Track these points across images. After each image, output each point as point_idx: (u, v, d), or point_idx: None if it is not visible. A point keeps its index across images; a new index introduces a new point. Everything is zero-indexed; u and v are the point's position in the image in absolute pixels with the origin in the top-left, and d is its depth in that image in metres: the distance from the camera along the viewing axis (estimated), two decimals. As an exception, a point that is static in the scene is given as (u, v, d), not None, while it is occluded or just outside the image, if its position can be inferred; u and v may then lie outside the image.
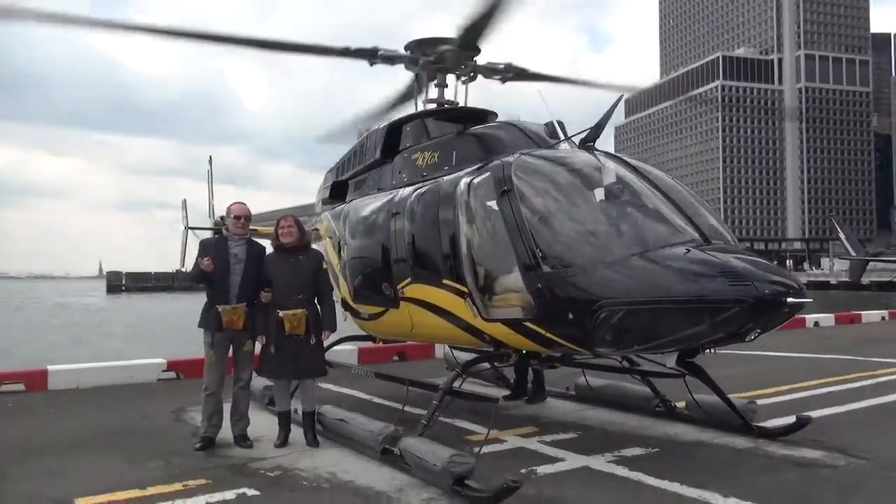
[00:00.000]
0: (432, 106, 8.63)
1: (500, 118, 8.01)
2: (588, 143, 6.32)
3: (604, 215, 5.65)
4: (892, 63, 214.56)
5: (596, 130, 6.29)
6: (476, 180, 6.27)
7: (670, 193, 5.72)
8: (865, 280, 51.41)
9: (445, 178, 6.80)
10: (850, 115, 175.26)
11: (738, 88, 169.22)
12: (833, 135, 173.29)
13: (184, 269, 18.16)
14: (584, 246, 5.43)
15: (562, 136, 6.50)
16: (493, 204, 6.02)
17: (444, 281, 6.51)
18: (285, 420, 6.72)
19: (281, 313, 6.45)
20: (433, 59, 7.91)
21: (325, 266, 6.93)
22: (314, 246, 7.81)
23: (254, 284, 6.59)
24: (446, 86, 8.53)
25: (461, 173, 6.54)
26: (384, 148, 8.42)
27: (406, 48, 8.18)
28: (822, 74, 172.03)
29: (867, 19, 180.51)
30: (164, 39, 7.19)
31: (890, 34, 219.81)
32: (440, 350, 13.43)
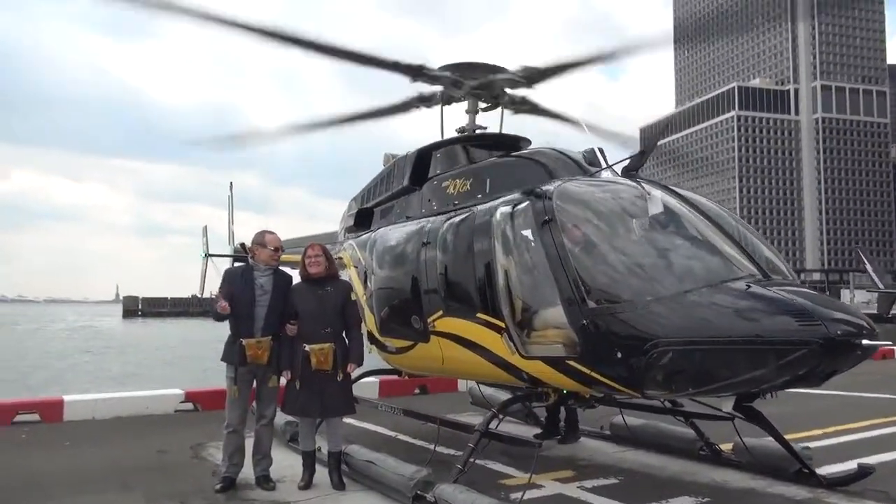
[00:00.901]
0: (460, 133, 8.40)
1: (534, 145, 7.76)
2: (631, 171, 6.03)
3: (655, 248, 5.30)
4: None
5: (640, 158, 6.00)
6: (514, 209, 5.96)
7: (723, 224, 5.38)
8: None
9: (480, 206, 6.50)
10: (867, 145, 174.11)
11: (754, 119, 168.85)
12: (851, 165, 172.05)
13: (201, 296, 17.98)
14: (635, 280, 5.09)
15: (603, 164, 6.20)
16: (533, 234, 5.69)
17: (479, 315, 6.18)
18: (310, 460, 6.38)
19: (308, 347, 6.14)
20: (477, 84, 7.72)
21: (353, 297, 6.62)
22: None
23: (280, 317, 6.30)
24: (478, 112, 8.30)
25: (497, 202, 6.23)
26: (413, 175, 8.16)
27: (444, 69, 7.97)
28: (838, 105, 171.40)
29: (884, 50, 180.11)
30: (211, 26, 6.92)
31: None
32: (463, 384, 13.10)
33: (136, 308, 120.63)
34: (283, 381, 6.39)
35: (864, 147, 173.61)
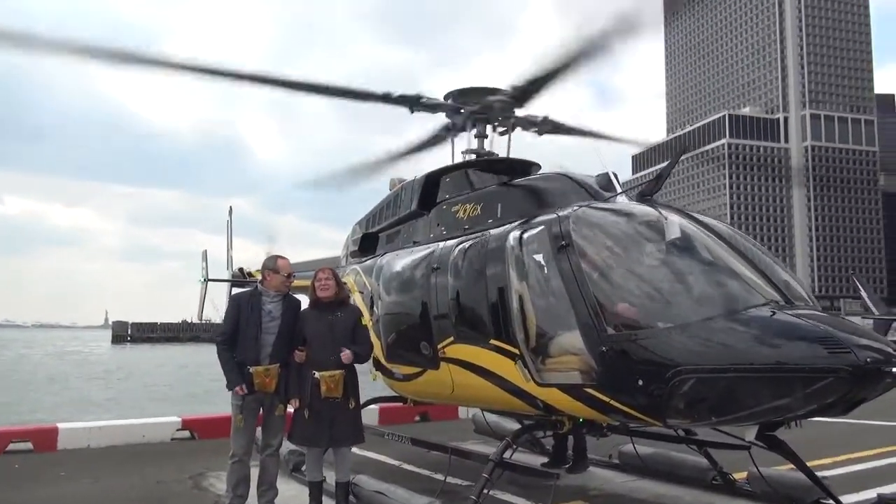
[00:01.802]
0: (469, 157, 8.37)
1: (544, 169, 7.71)
2: (646, 196, 5.97)
3: (675, 273, 5.21)
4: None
5: (655, 183, 5.94)
6: (529, 234, 5.88)
7: (742, 249, 5.31)
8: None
9: (493, 231, 6.42)
10: (857, 173, 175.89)
11: (744, 147, 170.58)
12: (841, 193, 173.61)
13: (200, 320, 17.77)
14: (656, 307, 5.00)
15: (618, 189, 6.14)
16: (549, 260, 5.60)
17: (492, 341, 6.07)
18: (317, 491, 6.19)
19: (317, 374, 5.98)
20: (477, 108, 7.67)
21: (363, 322, 6.49)
22: None
23: (288, 343, 6.15)
24: (486, 136, 8.28)
25: (511, 226, 6.15)
26: (421, 200, 8.09)
27: (447, 97, 7.96)
28: (827, 133, 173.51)
29: (871, 80, 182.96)
30: (204, 78, 6.97)
31: (894, 95, 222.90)
32: (464, 411, 12.90)
33: (125, 333, 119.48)
34: (290, 409, 6.24)
35: (853, 175, 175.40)
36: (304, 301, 6.54)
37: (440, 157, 8.84)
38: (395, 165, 9.42)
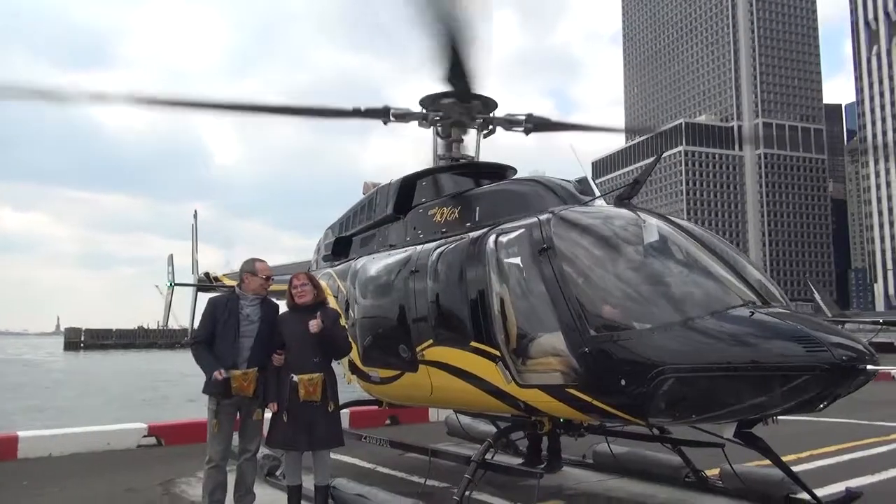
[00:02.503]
0: (444, 161, 8.39)
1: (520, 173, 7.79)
2: (624, 199, 6.08)
3: (655, 275, 5.31)
4: (844, 132, 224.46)
5: (633, 187, 6.05)
6: (509, 237, 5.94)
7: (720, 252, 5.45)
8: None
9: (472, 234, 6.45)
10: (807, 180, 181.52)
11: (700, 154, 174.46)
12: (792, 199, 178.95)
13: (165, 326, 17.39)
14: (638, 308, 5.09)
15: (596, 192, 6.24)
16: (530, 262, 5.66)
17: (472, 343, 6.09)
18: (296, 496, 6.12)
19: (296, 378, 5.93)
20: (444, 114, 7.73)
21: (342, 323, 6.45)
22: None
23: (266, 347, 6.08)
24: (461, 141, 8.30)
25: (491, 230, 6.19)
26: (396, 203, 8.08)
27: (421, 103, 7.98)
28: (779, 141, 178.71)
29: (820, 90, 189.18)
30: (166, 110, 7.05)
31: (841, 105, 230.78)
32: (434, 414, 12.90)
33: (78, 340, 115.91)
34: (267, 413, 6.16)
35: (804, 182, 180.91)
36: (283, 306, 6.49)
37: (391, 163, 8.85)
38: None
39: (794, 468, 7.90)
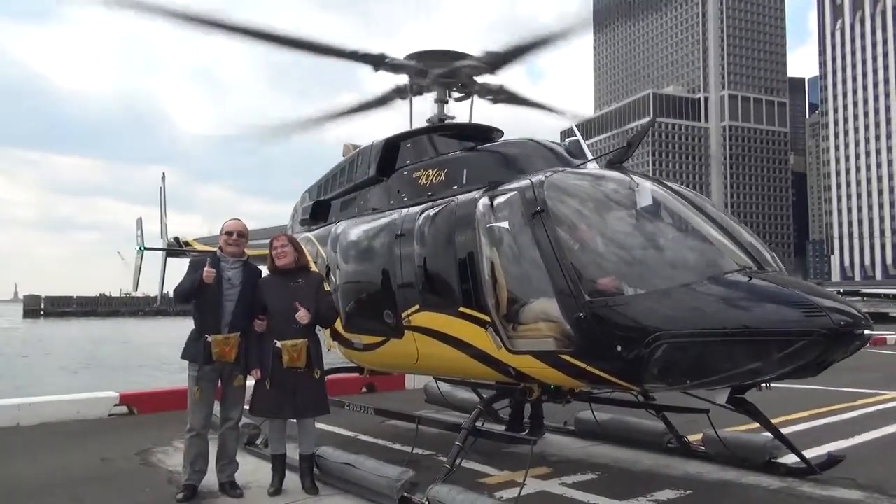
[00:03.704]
0: (421, 123, 8.19)
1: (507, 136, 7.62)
2: (615, 163, 5.96)
3: (651, 239, 5.23)
4: (806, 106, 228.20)
5: (625, 151, 5.93)
6: (501, 200, 5.78)
7: (713, 216, 5.38)
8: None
9: (461, 197, 6.28)
10: (769, 153, 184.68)
11: (668, 125, 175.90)
12: (754, 171, 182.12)
13: (134, 292, 16.96)
14: (634, 272, 5.01)
15: (588, 155, 6.11)
16: (522, 226, 5.51)
17: (461, 309, 5.96)
18: (280, 464, 5.99)
19: (279, 344, 5.75)
20: (443, 72, 7.49)
21: (327, 288, 6.28)
22: None
23: (248, 312, 5.88)
24: (446, 101, 8.10)
25: (481, 192, 6.02)
26: (379, 166, 7.85)
27: (409, 57, 7.73)
28: (743, 114, 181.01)
29: (784, 63, 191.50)
30: (161, 19, 6.67)
31: (804, 78, 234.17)
32: (410, 381, 12.84)
33: (38, 307, 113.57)
34: (249, 380, 5.99)
35: (766, 154, 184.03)
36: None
37: (397, 124, 8.63)
38: (334, 123, 9.24)
39: (762, 434, 8.10)
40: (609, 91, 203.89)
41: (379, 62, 7.49)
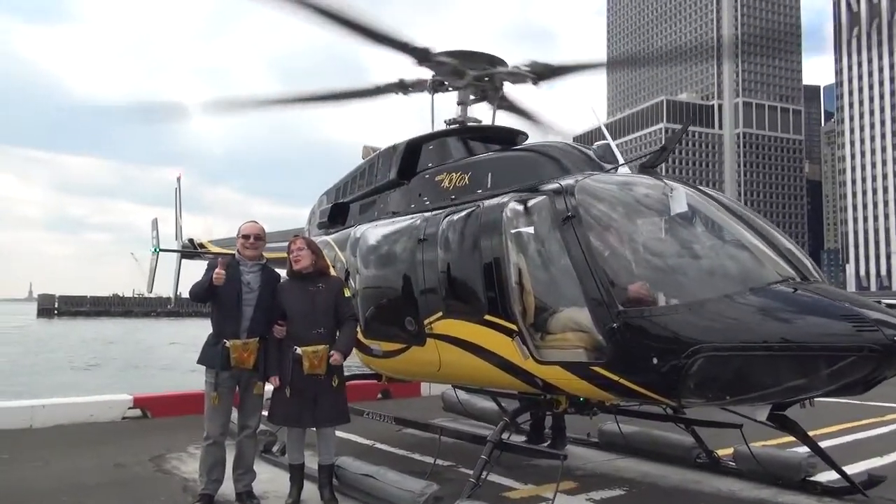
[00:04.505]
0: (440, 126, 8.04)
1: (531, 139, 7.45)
2: (648, 168, 5.75)
3: (689, 248, 5.03)
4: (821, 114, 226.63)
5: (659, 155, 5.72)
6: (529, 205, 5.59)
7: (753, 224, 5.16)
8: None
9: (487, 202, 6.08)
10: (784, 160, 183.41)
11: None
12: (769, 179, 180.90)
13: (149, 294, 16.90)
14: (671, 282, 4.81)
15: (619, 159, 5.91)
16: (552, 232, 5.33)
17: (487, 317, 5.77)
18: (298, 474, 5.80)
19: (299, 350, 5.57)
20: (479, 75, 7.47)
21: (347, 293, 6.11)
22: None
23: (266, 317, 5.71)
24: (469, 104, 7.92)
25: (508, 197, 5.83)
26: (400, 168, 7.68)
27: (448, 55, 7.59)
28: (758, 121, 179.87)
29: (800, 71, 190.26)
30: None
31: (819, 86, 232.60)
32: (426, 388, 12.64)
33: (52, 307, 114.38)
34: (268, 387, 5.82)
35: (780, 162, 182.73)
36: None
37: (420, 126, 8.46)
38: (323, 105, 9.12)
39: (796, 450, 7.84)
40: (622, 97, 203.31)
41: (424, 56, 7.37)
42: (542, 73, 7.44)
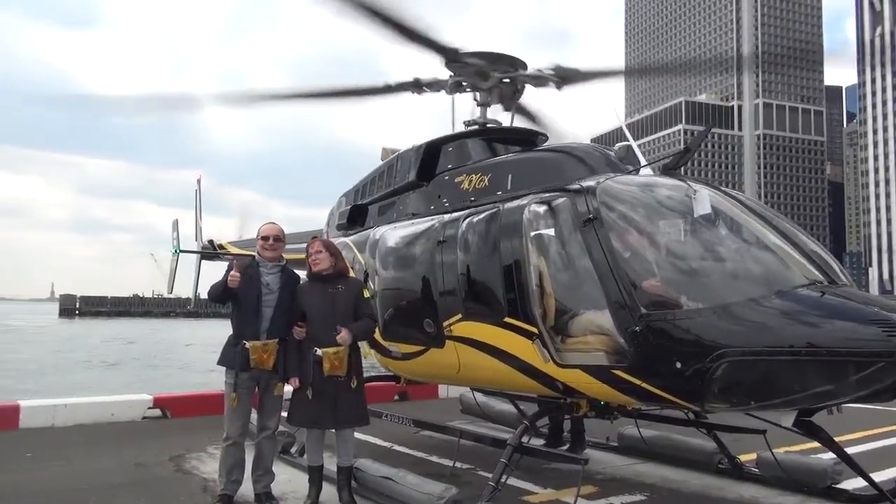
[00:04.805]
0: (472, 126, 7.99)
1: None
2: (671, 169, 5.69)
3: (713, 250, 4.96)
4: (843, 114, 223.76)
5: (682, 156, 5.65)
6: (550, 206, 5.54)
7: (779, 227, 5.08)
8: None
9: (507, 203, 6.03)
10: (805, 162, 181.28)
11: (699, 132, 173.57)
12: (789, 181, 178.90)
13: (169, 294, 17.05)
14: (695, 285, 4.74)
15: (641, 161, 5.84)
16: (573, 234, 5.28)
17: (507, 319, 5.73)
18: (317, 476, 5.79)
19: (319, 351, 5.56)
20: (504, 78, 7.44)
21: (366, 293, 6.10)
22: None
23: (286, 318, 5.72)
24: (489, 105, 7.88)
25: (529, 198, 5.78)
26: (419, 170, 7.66)
27: (447, 67, 7.56)
28: (779, 122, 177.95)
29: (821, 72, 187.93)
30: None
31: (841, 87, 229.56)
32: (444, 391, 12.61)
33: (73, 307, 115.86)
34: (287, 388, 5.82)
35: (801, 164, 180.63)
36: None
37: (439, 128, 8.42)
38: (342, 101, 9.10)
39: (822, 457, 7.68)
40: (640, 99, 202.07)
41: (453, 56, 7.36)
42: (566, 77, 7.38)
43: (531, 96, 8.09)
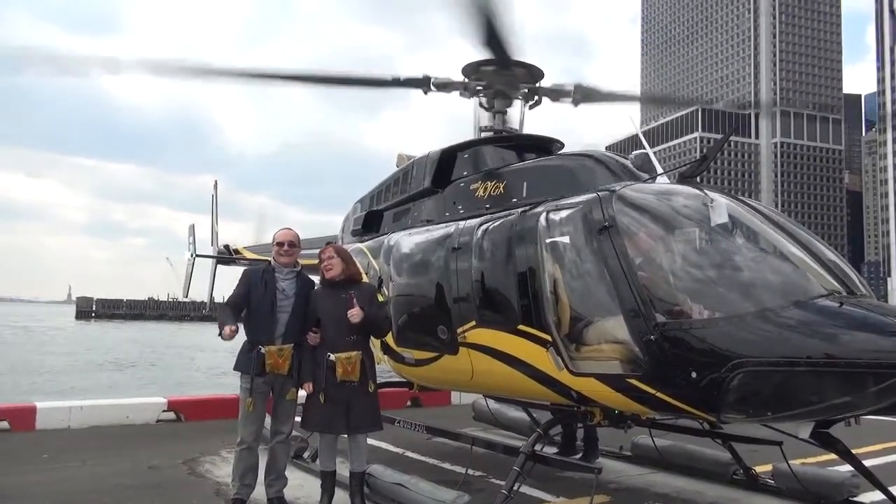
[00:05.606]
0: (487, 133, 8.00)
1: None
2: (688, 178, 5.66)
3: (730, 260, 4.92)
4: (862, 123, 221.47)
5: (699, 164, 5.62)
6: (566, 214, 5.53)
7: (797, 236, 5.03)
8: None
9: (523, 211, 6.03)
10: (823, 171, 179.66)
11: (716, 141, 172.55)
12: (807, 189, 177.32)
13: (185, 298, 17.18)
14: (711, 294, 4.70)
15: (658, 169, 5.81)
16: (589, 242, 5.26)
17: (521, 327, 5.72)
18: (330, 481, 5.80)
19: (333, 356, 5.58)
20: (487, 83, 7.42)
21: (380, 298, 6.11)
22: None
23: (301, 324, 5.74)
24: (505, 112, 7.89)
25: (544, 206, 5.77)
26: (434, 177, 7.67)
27: (462, 72, 7.56)
28: (796, 131, 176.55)
29: (840, 80, 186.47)
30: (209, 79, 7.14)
31: (860, 95, 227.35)
32: (456, 397, 12.60)
33: (89, 309, 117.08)
34: (301, 393, 5.84)
35: (819, 172, 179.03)
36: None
37: (457, 135, 8.44)
38: (346, 88, 9.02)
39: (838, 469, 7.57)
40: (656, 106, 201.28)
41: (426, 84, 7.58)
42: (585, 95, 7.45)
43: (547, 108, 8.12)
